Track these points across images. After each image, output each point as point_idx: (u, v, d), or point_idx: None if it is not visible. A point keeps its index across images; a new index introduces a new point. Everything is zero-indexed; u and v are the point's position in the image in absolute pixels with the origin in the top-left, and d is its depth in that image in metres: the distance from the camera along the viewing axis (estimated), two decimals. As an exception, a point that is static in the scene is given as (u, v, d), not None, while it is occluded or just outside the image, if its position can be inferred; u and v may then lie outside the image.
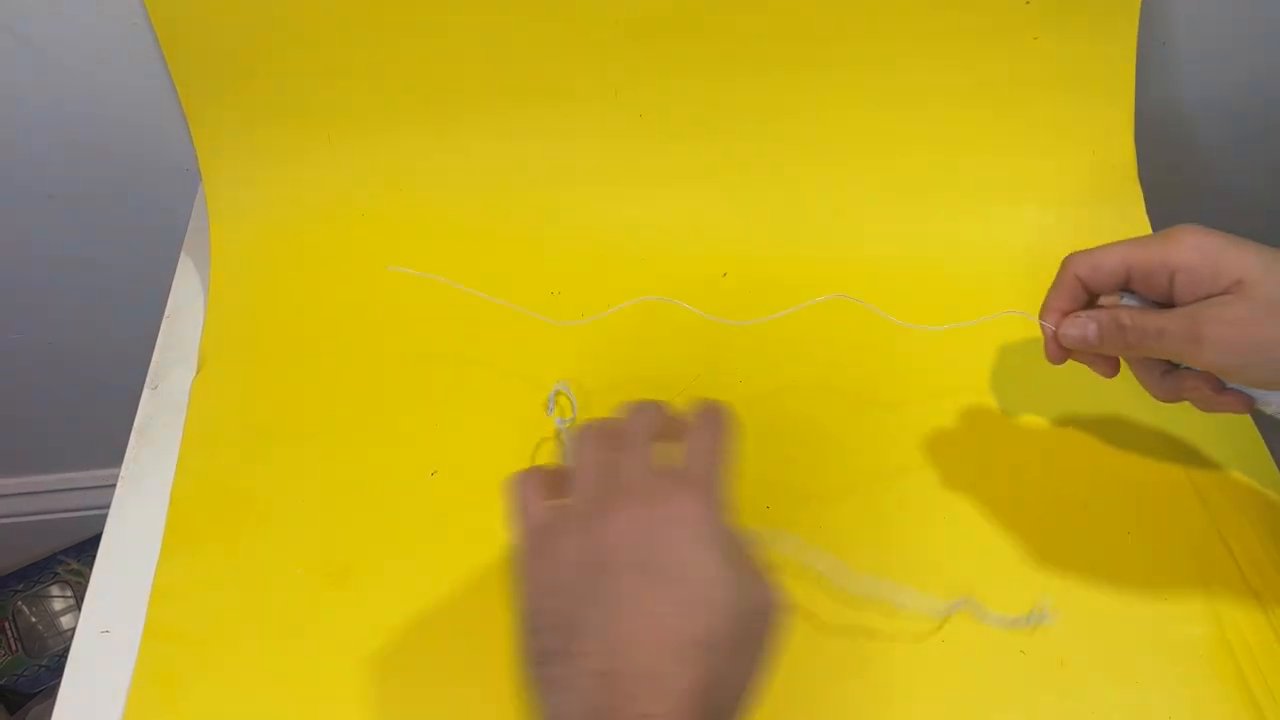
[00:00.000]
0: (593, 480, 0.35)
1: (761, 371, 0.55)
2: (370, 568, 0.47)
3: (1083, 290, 0.43)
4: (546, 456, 0.50)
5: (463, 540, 0.47)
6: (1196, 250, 0.39)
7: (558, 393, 0.53)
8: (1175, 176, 0.72)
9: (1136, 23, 0.57)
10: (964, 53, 0.58)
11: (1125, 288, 0.42)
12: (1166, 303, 0.41)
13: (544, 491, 0.36)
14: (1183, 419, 0.51)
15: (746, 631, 0.31)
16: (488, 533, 0.46)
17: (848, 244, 0.61)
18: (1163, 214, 0.60)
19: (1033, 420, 0.51)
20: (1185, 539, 0.47)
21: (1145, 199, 0.61)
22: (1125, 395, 0.52)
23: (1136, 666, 0.43)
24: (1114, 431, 0.51)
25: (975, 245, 0.60)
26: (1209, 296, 0.39)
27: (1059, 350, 0.44)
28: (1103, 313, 0.42)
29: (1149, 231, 0.60)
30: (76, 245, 0.70)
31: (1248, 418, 0.51)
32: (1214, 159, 0.72)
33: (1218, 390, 0.41)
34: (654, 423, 0.37)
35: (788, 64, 0.58)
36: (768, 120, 0.60)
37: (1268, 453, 0.50)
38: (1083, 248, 0.42)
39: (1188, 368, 0.42)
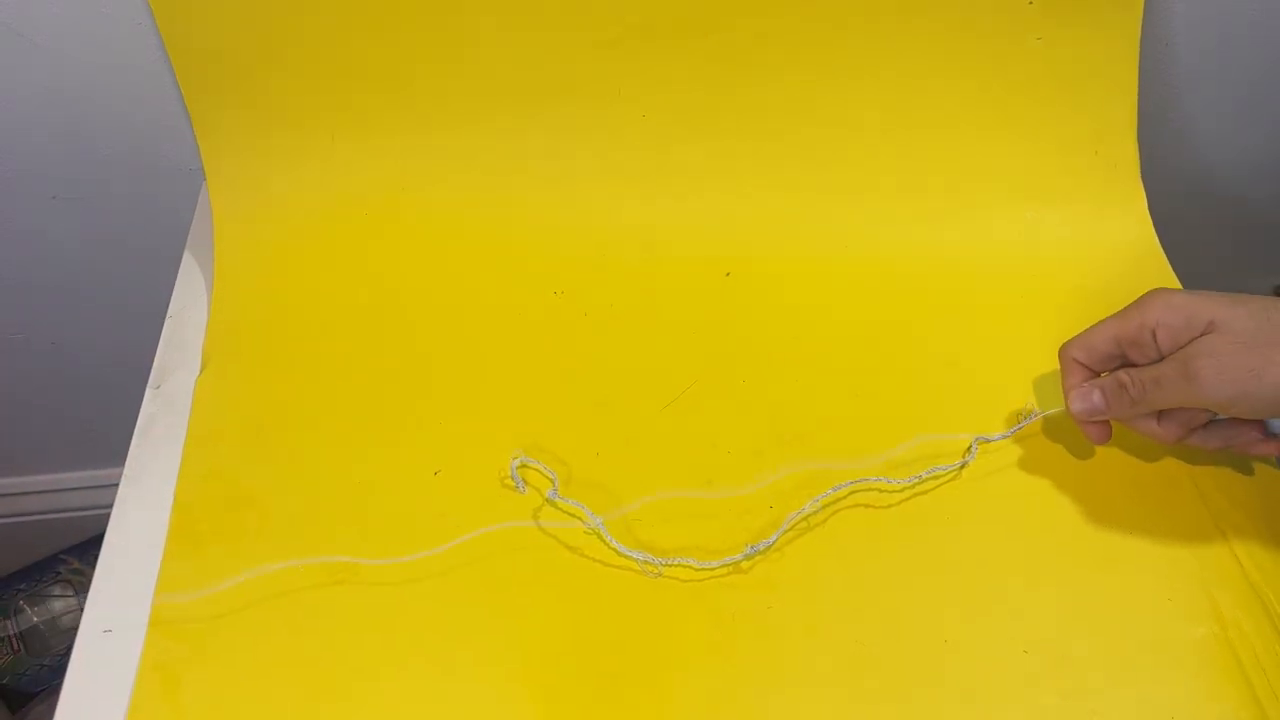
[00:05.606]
0: None
1: (762, 372, 0.55)
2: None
3: (1088, 372, 0.47)
4: (547, 458, 0.51)
5: (465, 539, 0.47)
6: (1166, 307, 0.43)
7: (520, 466, 0.49)
8: (1177, 176, 0.72)
9: (1139, 22, 0.57)
10: (965, 53, 0.58)
11: (1124, 361, 0.46)
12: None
13: None
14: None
15: None
16: (489, 531, 0.46)
17: (849, 244, 0.61)
18: (1164, 214, 0.60)
19: (1034, 422, 0.51)
20: (1186, 538, 0.47)
21: (1147, 198, 0.61)
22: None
23: (1137, 666, 0.43)
24: (1114, 430, 0.51)
25: (976, 245, 0.61)
26: (1190, 342, 0.42)
27: (1096, 430, 0.48)
28: (1102, 379, 0.46)
29: (1151, 230, 0.60)
30: (79, 245, 0.71)
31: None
32: (1216, 159, 0.72)
33: (1261, 436, 0.45)
34: None
35: (790, 65, 0.58)
36: (770, 120, 0.60)
37: (1269, 452, 0.50)
38: (1084, 249, 0.43)
39: (1220, 419, 0.45)
